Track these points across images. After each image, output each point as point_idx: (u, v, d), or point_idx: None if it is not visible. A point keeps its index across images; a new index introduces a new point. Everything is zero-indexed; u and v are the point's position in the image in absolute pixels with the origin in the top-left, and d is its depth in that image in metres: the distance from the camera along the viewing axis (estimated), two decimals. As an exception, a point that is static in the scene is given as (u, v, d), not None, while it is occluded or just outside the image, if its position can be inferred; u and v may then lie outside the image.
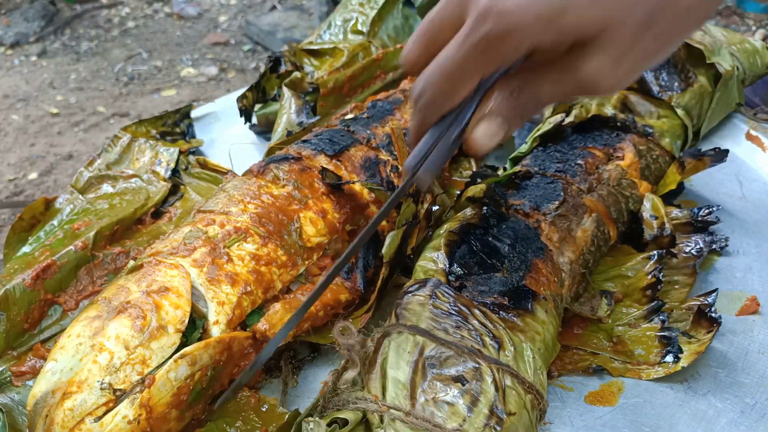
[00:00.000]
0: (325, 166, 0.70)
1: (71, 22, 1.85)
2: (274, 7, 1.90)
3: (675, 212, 0.73)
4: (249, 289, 0.58)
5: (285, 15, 1.80)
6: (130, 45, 1.75)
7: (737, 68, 0.83)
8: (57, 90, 1.52)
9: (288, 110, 0.85)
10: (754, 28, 2.10)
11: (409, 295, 0.54)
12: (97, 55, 1.69)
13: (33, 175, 1.21)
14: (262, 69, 0.96)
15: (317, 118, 0.86)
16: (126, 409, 0.48)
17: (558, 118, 0.75)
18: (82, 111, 1.42)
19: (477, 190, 0.66)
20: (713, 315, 0.60)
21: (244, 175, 0.71)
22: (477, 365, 0.48)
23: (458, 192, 0.71)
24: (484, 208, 0.64)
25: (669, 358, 0.59)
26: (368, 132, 0.78)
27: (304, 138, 0.76)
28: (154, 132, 0.92)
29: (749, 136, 0.85)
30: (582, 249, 0.65)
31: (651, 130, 0.77)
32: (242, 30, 1.83)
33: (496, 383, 0.48)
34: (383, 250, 0.62)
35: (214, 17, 1.95)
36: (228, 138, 0.96)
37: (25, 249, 0.72)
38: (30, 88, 1.53)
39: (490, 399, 0.47)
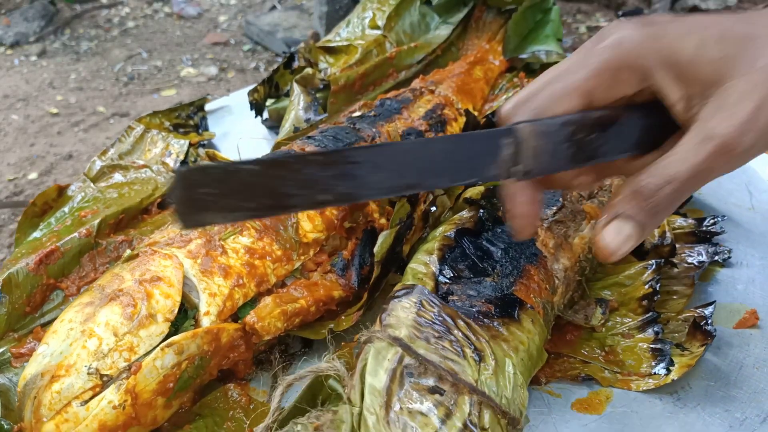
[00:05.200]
0: (326, 163, 0.71)
1: (71, 22, 1.88)
2: (274, 7, 1.91)
3: (680, 221, 0.72)
4: (241, 281, 0.59)
5: (285, 15, 1.81)
6: (130, 45, 1.78)
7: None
8: (57, 90, 1.55)
9: (296, 106, 0.86)
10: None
11: (396, 300, 0.54)
12: (97, 55, 1.71)
13: (33, 175, 1.24)
14: (263, 69, 0.97)
15: (325, 115, 0.86)
16: (112, 395, 0.50)
17: (563, 122, 0.75)
18: (82, 111, 1.45)
19: (475, 192, 0.66)
20: (708, 328, 0.59)
21: (246, 169, 0.71)
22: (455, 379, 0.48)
23: (458, 193, 0.71)
24: (481, 211, 0.64)
25: (660, 370, 0.58)
26: (374, 130, 0.78)
27: (310, 134, 0.77)
28: (167, 124, 0.94)
29: (763, 146, 0.83)
30: (578, 256, 0.64)
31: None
32: (242, 30, 1.84)
33: (473, 398, 0.48)
34: (375, 249, 0.62)
35: (214, 17, 1.97)
36: (241, 131, 0.98)
37: (36, 234, 0.74)
38: (30, 88, 1.56)
39: (465, 413, 0.47)
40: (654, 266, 0.65)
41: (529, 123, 0.39)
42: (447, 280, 0.57)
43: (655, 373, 0.58)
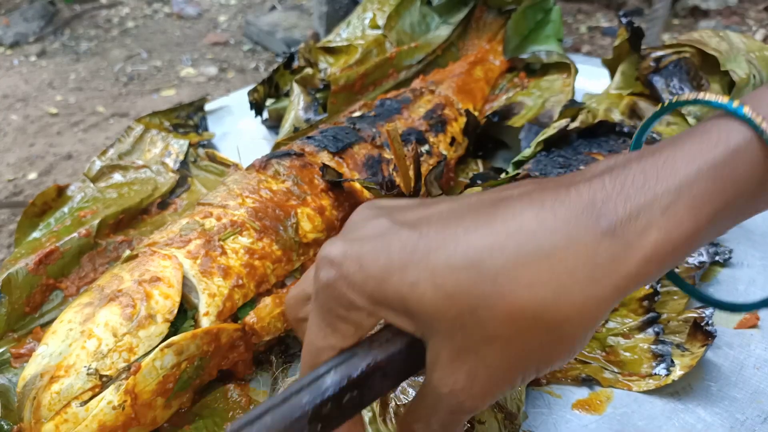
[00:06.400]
0: (326, 163, 0.71)
1: (71, 22, 1.88)
2: (273, 7, 1.91)
3: (680, 221, 0.71)
4: (241, 282, 0.59)
5: (285, 15, 1.80)
6: (130, 45, 1.78)
7: (754, 76, 0.81)
8: (56, 90, 1.55)
9: (296, 106, 0.86)
10: (755, 28, 2.03)
11: None
12: (97, 55, 1.71)
13: (32, 176, 1.24)
14: (262, 69, 0.97)
15: (325, 115, 0.86)
16: (111, 395, 0.50)
17: (563, 123, 0.75)
18: (81, 111, 1.45)
19: (474, 192, 0.66)
20: (708, 329, 0.59)
21: (246, 169, 0.71)
22: None
23: (460, 191, 0.71)
24: (481, 210, 0.64)
25: (660, 370, 0.58)
26: (374, 130, 0.78)
27: (309, 134, 0.77)
28: (167, 124, 0.94)
29: (764, 146, 0.83)
30: (579, 255, 0.64)
31: (659, 138, 0.76)
32: (242, 30, 1.84)
33: None
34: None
35: (213, 17, 1.97)
36: (240, 132, 0.98)
37: (35, 234, 0.74)
38: (29, 88, 1.56)
39: None
40: (654, 266, 0.65)
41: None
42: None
43: (655, 374, 0.58)
